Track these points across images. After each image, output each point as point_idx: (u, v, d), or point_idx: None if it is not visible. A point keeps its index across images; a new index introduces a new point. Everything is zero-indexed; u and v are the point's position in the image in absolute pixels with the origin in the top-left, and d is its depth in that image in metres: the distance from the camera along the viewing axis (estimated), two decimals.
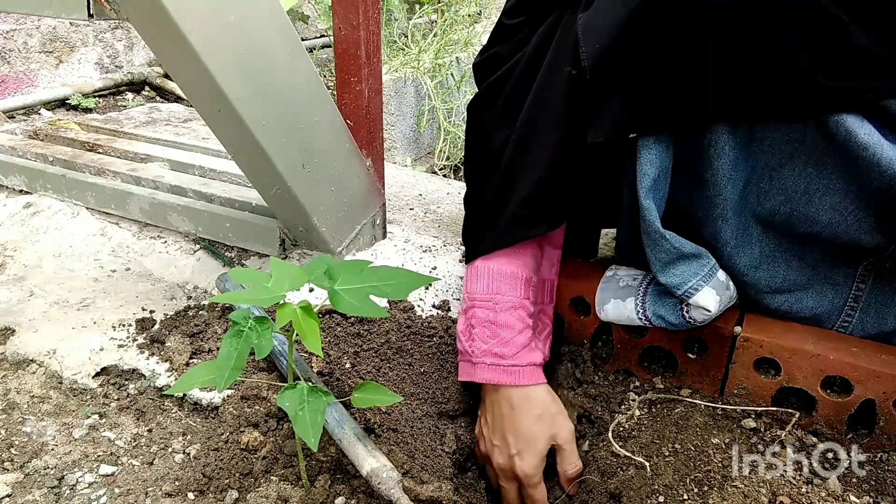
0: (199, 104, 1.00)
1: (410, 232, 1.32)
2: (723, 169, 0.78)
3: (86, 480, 0.81)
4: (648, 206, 0.79)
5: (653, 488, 0.79)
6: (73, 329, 1.05)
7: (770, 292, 0.87)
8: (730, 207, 0.81)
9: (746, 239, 0.84)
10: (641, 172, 0.78)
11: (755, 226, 0.83)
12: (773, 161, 0.77)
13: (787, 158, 0.76)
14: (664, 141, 0.77)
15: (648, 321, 0.87)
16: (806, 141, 0.74)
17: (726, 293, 0.83)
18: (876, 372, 0.80)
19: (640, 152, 0.77)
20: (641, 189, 0.78)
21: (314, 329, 0.65)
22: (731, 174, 0.78)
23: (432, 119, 2.53)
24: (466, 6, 2.89)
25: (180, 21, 0.81)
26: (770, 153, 0.77)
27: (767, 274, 0.85)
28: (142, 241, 1.31)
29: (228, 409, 0.89)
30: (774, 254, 0.84)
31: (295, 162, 1.04)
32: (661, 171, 0.79)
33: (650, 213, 0.79)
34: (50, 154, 1.51)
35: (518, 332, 0.90)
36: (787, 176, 0.77)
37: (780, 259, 0.84)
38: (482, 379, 0.90)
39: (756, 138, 0.77)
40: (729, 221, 0.82)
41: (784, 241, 0.83)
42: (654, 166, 0.77)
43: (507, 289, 0.91)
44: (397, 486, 0.74)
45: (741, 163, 0.78)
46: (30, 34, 2.30)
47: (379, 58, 1.14)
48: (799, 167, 0.76)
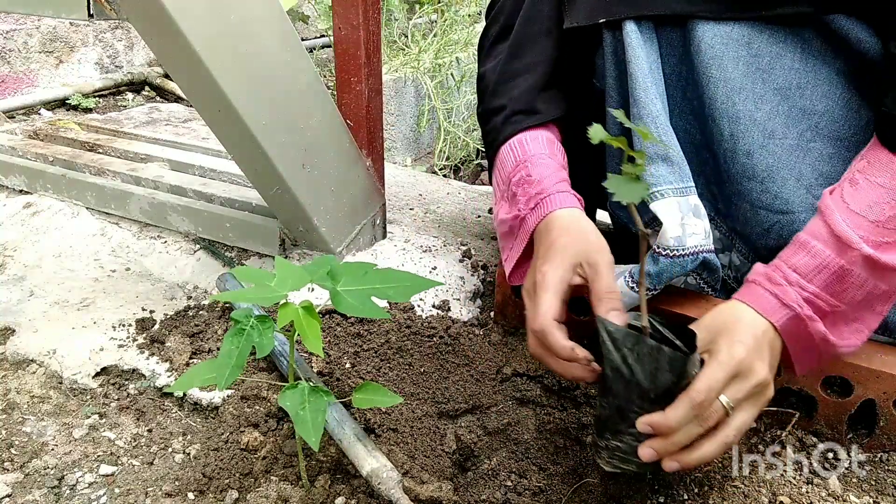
0: (199, 104, 1.00)
1: (410, 232, 1.32)
2: (706, 69, 0.81)
3: (86, 480, 0.81)
4: (645, 87, 0.81)
5: (653, 488, 0.79)
6: (73, 329, 1.05)
7: (762, 209, 0.85)
8: (716, 108, 0.83)
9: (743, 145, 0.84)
10: (633, 55, 0.82)
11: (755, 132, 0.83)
12: (762, 63, 0.81)
13: (776, 59, 0.80)
14: (646, 33, 0.83)
15: (636, 283, 0.86)
16: (788, 40, 0.79)
17: (695, 223, 0.82)
18: (876, 372, 0.80)
19: (627, 41, 0.82)
20: (637, 70, 0.82)
21: (316, 329, 0.66)
22: (714, 73, 0.81)
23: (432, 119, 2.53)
24: (466, 6, 2.89)
25: (180, 21, 0.81)
26: (759, 55, 0.80)
27: (761, 186, 0.85)
28: (142, 241, 1.31)
29: (228, 409, 0.89)
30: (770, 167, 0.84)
31: (295, 162, 1.04)
32: (651, 63, 0.83)
33: (647, 94, 0.82)
34: (50, 154, 1.51)
35: (551, 173, 0.88)
36: (779, 75, 0.81)
37: (776, 173, 0.84)
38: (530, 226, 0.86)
39: (743, 41, 0.80)
40: (717, 122, 0.83)
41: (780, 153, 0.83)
42: (642, 50, 0.82)
43: (531, 147, 0.91)
44: (397, 486, 0.74)
45: (728, 63, 0.81)
46: (30, 34, 2.30)
47: (379, 58, 1.14)
48: (787, 64, 0.80)
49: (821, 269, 0.73)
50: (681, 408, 0.66)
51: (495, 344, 1.03)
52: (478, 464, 0.87)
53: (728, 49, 0.81)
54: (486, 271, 1.19)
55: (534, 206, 0.87)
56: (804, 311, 0.72)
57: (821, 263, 0.73)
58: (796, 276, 0.73)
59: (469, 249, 1.24)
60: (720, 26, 0.80)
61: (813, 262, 0.73)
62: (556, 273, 0.78)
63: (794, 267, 0.74)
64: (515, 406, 0.93)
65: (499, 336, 1.05)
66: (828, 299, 0.73)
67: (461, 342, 1.02)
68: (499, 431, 0.90)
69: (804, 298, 0.72)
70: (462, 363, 0.99)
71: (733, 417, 0.68)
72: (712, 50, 0.81)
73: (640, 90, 0.82)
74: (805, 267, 0.73)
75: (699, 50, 0.82)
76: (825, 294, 0.72)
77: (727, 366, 0.68)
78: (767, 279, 0.74)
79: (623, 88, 0.87)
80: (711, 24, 0.80)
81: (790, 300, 0.72)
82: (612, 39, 0.86)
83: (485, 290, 1.16)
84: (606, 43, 0.87)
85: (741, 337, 0.70)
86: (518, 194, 0.89)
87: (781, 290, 0.73)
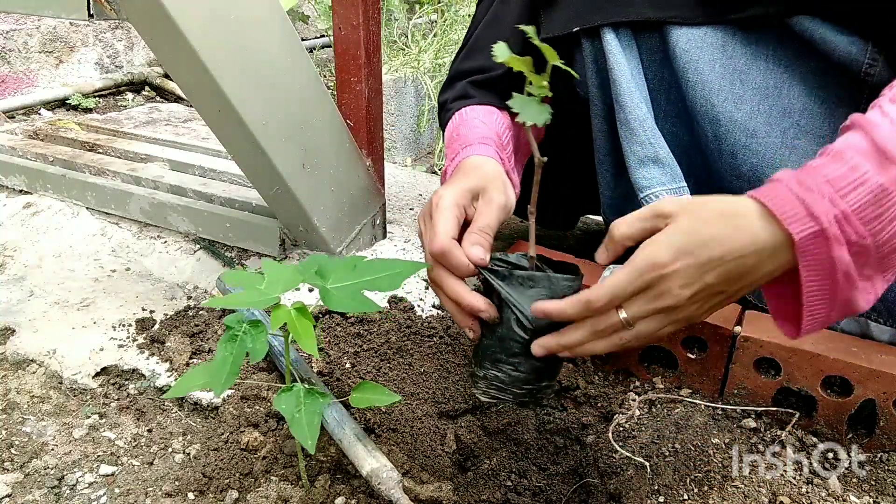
0: (199, 104, 1.00)
1: (410, 232, 1.32)
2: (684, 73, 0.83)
3: (86, 480, 0.81)
4: (629, 91, 0.82)
5: (653, 488, 0.79)
6: (73, 329, 1.05)
7: None
8: (696, 110, 0.84)
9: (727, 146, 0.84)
10: (615, 62, 0.83)
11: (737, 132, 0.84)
12: (738, 64, 0.82)
13: (751, 60, 0.82)
14: (625, 40, 0.84)
15: None
16: (761, 42, 0.81)
17: None
18: (876, 372, 0.80)
19: (607, 49, 0.83)
20: (621, 76, 0.82)
21: (309, 330, 0.65)
22: (691, 77, 0.82)
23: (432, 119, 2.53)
24: (466, 6, 2.89)
25: (180, 21, 0.81)
26: (734, 56, 0.82)
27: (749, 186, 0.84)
28: (142, 241, 1.31)
29: (228, 409, 0.89)
30: (756, 166, 0.84)
31: (295, 162, 1.04)
32: (633, 69, 0.84)
33: (632, 99, 0.83)
34: (50, 154, 1.51)
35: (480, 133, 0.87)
36: (756, 76, 0.82)
37: (762, 171, 0.84)
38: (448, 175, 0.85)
39: (717, 44, 0.82)
40: (699, 123, 0.84)
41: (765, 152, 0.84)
42: (623, 57, 0.83)
43: (469, 114, 0.91)
44: (397, 486, 0.74)
45: (704, 66, 0.82)
46: (30, 34, 2.30)
47: (379, 58, 1.14)
48: (762, 66, 0.82)
49: (857, 185, 0.58)
50: (577, 304, 0.63)
51: None
52: (478, 464, 0.87)
53: (703, 52, 0.82)
54: None
55: (453, 156, 0.86)
56: (832, 230, 0.57)
57: (859, 178, 0.58)
58: (829, 187, 0.58)
59: None
60: (694, 30, 0.82)
61: (850, 174, 0.58)
62: (451, 195, 0.75)
63: (827, 177, 0.58)
64: (515, 406, 0.93)
65: None
66: (857, 226, 0.58)
67: (461, 342, 1.02)
68: (499, 431, 0.90)
69: (834, 216, 0.57)
70: (462, 363, 0.99)
71: (635, 328, 0.62)
72: (687, 54, 0.82)
73: (625, 95, 0.83)
74: (841, 180, 0.58)
75: (675, 55, 0.83)
76: (855, 218, 0.58)
77: (638, 276, 0.59)
78: (796, 181, 0.59)
79: (606, 95, 0.88)
80: (685, 28, 0.82)
81: (820, 210, 0.57)
82: (591, 48, 0.87)
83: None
84: (586, 52, 0.88)
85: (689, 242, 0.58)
86: (448, 154, 0.89)
87: (811, 196, 0.58)
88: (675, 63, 0.84)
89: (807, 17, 0.77)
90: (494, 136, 0.88)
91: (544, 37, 0.87)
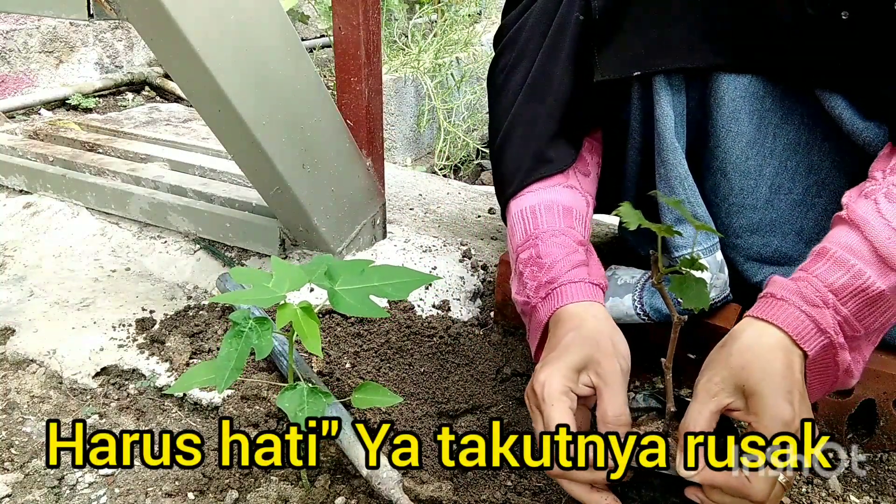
0: (199, 104, 1.00)
1: (410, 232, 1.32)
2: (727, 122, 0.81)
3: (86, 480, 0.81)
4: (673, 148, 0.80)
5: None
6: (73, 329, 1.05)
7: (759, 261, 0.87)
8: (729, 162, 0.83)
9: (751, 200, 0.84)
10: (662, 114, 0.80)
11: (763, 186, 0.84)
12: (775, 118, 0.81)
13: (787, 114, 0.80)
14: (676, 85, 0.81)
15: (646, 315, 0.87)
16: (796, 97, 0.79)
17: (719, 277, 0.84)
18: (876, 372, 0.80)
19: (656, 97, 0.80)
20: (666, 130, 0.80)
21: (314, 330, 0.65)
22: (733, 128, 0.81)
23: (432, 119, 2.53)
24: (466, 6, 2.89)
25: (180, 21, 0.81)
26: (772, 110, 0.80)
27: (763, 240, 0.85)
28: (142, 241, 1.31)
29: (228, 409, 0.89)
30: (774, 221, 0.85)
31: (295, 162, 1.04)
32: (677, 116, 0.81)
33: (675, 156, 0.81)
34: (50, 154, 1.51)
35: (564, 255, 0.78)
36: (789, 131, 0.81)
37: (778, 228, 0.85)
38: (542, 319, 0.76)
39: (758, 95, 0.80)
40: (728, 176, 0.83)
41: (785, 208, 0.84)
42: (670, 107, 0.80)
43: (545, 220, 0.82)
44: (397, 486, 0.74)
45: (744, 117, 0.80)
46: (30, 34, 2.30)
47: (379, 58, 1.14)
48: (796, 121, 0.81)
49: (858, 291, 0.64)
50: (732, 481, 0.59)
51: (495, 344, 1.03)
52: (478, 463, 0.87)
53: (745, 103, 0.80)
54: (485, 271, 1.19)
55: (544, 295, 0.77)
56: (838, 339, 0.63)
57: (861, 285, 0.63)
58: (833, 297, 0.63)
59: (469, 249, 1.24)
60: (740, 79, 0.79)
61: (853, 282, 0.63)
62: (557, 382, 0.66)
63: (831, 286, 0.64)
64: (515, 406, 0.93)
65: (499, 336, 1.05)
66: (854, 325, 0.64)
67: (461, 342, 1.02)
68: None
69: (837, 322, 0.64)
70: (462, 363, 0.99)
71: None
72: (734, 103, 0.80)
73: (668, 151, 0.81)
74: (843, 289, 0.63)
75: (721, 103, 0.80)
76: (853, 319, 0.64)
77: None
78: (801, 297, 0.64)
79: (647, 132, 0.85)
80: (733, 76, 0.79)
81: (827, 325, 0.63)
82: (640, 91, 0.84)
83: (485, 290, 1.16)
84: (634, 95, 0.84)
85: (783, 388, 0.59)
86: (525, 275, 0.80)
87: (819, 312, 0.63)
88: (719, 112, 0.81)
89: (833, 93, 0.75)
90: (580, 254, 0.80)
91: (599, 79, 0.82)
